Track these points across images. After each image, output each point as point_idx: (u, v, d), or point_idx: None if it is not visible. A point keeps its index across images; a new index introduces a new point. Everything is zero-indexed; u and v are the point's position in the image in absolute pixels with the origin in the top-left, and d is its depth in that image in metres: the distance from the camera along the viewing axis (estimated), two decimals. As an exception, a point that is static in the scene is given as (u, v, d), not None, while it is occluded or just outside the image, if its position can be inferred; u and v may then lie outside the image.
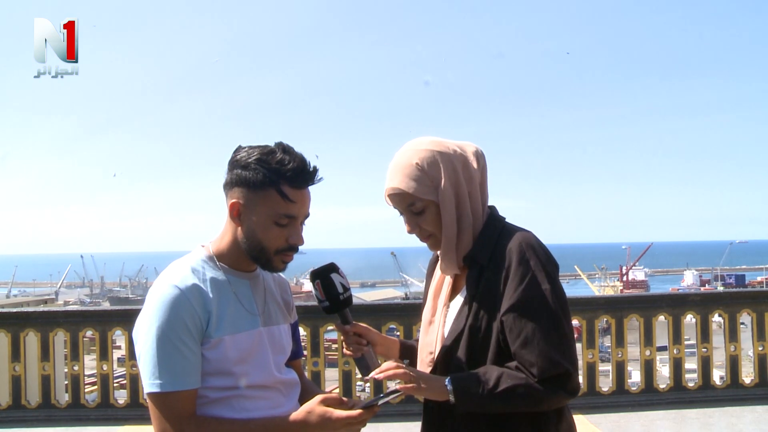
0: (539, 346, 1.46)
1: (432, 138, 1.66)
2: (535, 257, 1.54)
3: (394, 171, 1.63)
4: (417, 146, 1.63)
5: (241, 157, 1.50)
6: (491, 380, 1.47)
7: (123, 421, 5.10)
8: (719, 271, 68.94)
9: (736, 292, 6.59)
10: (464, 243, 1.62)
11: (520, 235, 1.59)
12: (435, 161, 1.60)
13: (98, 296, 69.39)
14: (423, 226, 1.64)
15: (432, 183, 1.60)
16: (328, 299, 1.62)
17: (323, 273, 1.63)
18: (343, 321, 1.68)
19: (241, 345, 1.51)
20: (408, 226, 1.66)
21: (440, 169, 1.60)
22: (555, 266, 1.57)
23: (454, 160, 1.62)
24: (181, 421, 1.44)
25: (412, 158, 1.61)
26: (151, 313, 1.45)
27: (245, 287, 1.57)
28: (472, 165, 1.64)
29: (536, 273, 1.51)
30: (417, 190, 1.59)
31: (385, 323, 5.22)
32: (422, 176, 1.60)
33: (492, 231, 1.62)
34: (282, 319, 1.66)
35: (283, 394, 1.59)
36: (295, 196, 1.49)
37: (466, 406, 1.49)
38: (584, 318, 5.33)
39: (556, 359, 1.46)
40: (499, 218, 1.68)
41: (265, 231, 1.49)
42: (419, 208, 1.62)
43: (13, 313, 5.90)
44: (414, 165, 1.60)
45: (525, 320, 1.49)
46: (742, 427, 4.83)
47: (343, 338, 1.71)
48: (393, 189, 1.62)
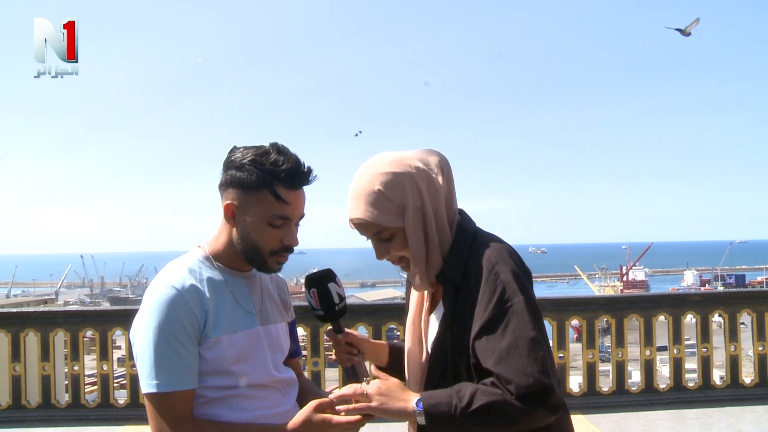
0: (515, 362, 1.38)
1: (393, 155, 1.56)
2: (504, 270, 1.46)
3: (356, 199, 1.54)
4: (377, 168, 1.54)
5: (235, 158, 1.50)
6: (465, 398, 1.38)
7: (123, 421, 5.10)
8: (719, 271, 68.92)
9: (736, 292, 6.60)
10: (434, 261, 1.55)
11: (490, 248, 1.52)
12: (398, 184, 1.51)
13: (98, 296, 69.46)
14: (392, 251, 1.57)
15: (397, 209, 1.52)
16: (323, 308, 1.60)
17: (320, 281, 1.60)
18: (336, 330, 1.66)
19: (239, 344, 1.51)
20: (377, 253, 1.59)
21: (404, 192, 1.52)
22: (527, 276, 1.51)
23: (417, 179, 1.53)
24: (178, 421, 1.44)
25: (374, 183, 1.52)
26: (148, 313, 1.46)
27: (242, 287, 1.57)
28: (436, 180, 1.55)
29: (506, 287, 1.44)
30: (382, 218, 1.52)
31: (385, 323, 5.22)
32: (386, 203, 1.51)
33: (462, 245, 1.55)
34: (279, 317, 1.66)
35: (281, 392, 1.60)
36: (290, 197, 1.49)
37: (438, 427, 1.40)
38: (584, 318, 5.34)
39: (534, 375, 1.37)
40: (469, 228, 1.59)
41: (260, 232, 1.50)
42: (387, 235, 1.55)
43: (13, 313, 5.89)
44: (376, 191, 1.51)
45: (497, 338, 1.41)
46: (742, 427, 4.83)
47: (333, 347, 1.68)
48: (357, 219, 1.54)
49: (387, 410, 1.44)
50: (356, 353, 1.67)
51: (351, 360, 1.65)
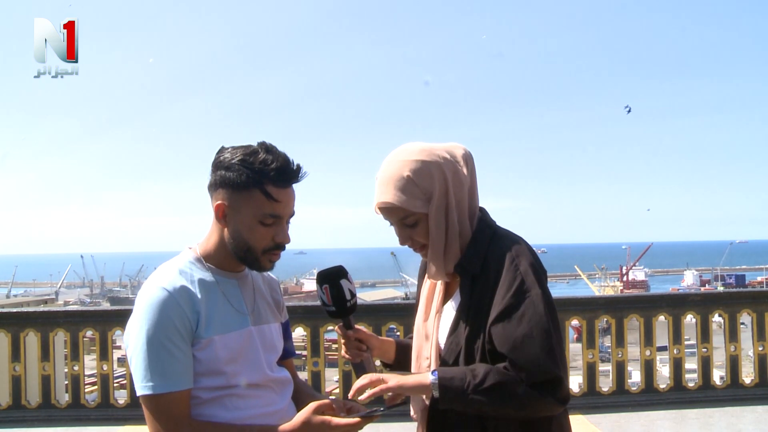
0: (529, 351, 1.43)
1: (421, 145, 1.61)
2: (524, 263, 1.51)
3: (384, 183, 1.58)
4: (407, 156, 1.58)
5: (224, 159, 1.50)
6: (478, 375, 1.43)
7: (123, 421, 5.10)
8: (719, 271, 68.91)
9: (736, 292, 6.60)
10: (452, 252, 1.59)
11: (510, 241, 1.57)
12: (427, 172, 1.56)
13: (98, 296, 69.34)
14: (416, 238, 1.61)
15: (424, 195, 1.56)
16: (335, 305, 1.61)
17: (332, 277, 1.61)
18: (347, 326, 1.68)
19: (232, 344, 1.51)
20: (400, 238, 1.63)
21: (432, 180, 1.56)
22: (544, 272, 1.55)
23: (445, 168, 1.57)
24: (176, 423, 1.44)
25: (403, 170, 1.56)
26: (141, 316, 1.46)
27: (233, 287, 1.58)
28: (462, 171, 1.60)
29: (525, 279, 1.49)
30: (409, 203, 1.55)
31: (385, 323, 5.22)
32: (414, 189, 1.55)
33: (482, 238, 1.59)
34: (272, 317, 1.66)
35: (275, 392, 1.60)
36: (280, 196, 1.49)
37: (450, 401, 1.45)
38: (584, 318, 5.34)
39: (546, 364, 1.42)
40: (490, 223, 1.64)
41: (251, 231, 1.50)
42: (412, 221, 1.59)
43: (13, 313, 5.89)
44: (405, 177, 1.55)
45: (514, 326, 1.45)
46: (742, 427, 4.83)
47: (344, 343, 1.70)
48: (384, 203, 1.58)
49: (403, 386, 1.48)
50: (365, 349, 1.69)
51: (360, 356, 1.68)
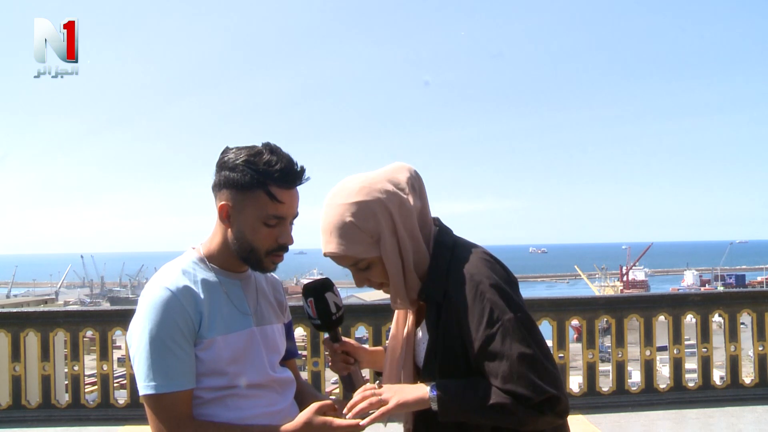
0: (521, 381, 1.38)
1: (359, 182, 1.51)
2: (489, 288, 1.43)
3: (328, 232, 1.50)
4: (345, 198, 1.49)
5: (228, 159, 1.50)
6: (479, 393, 1.40)
7: (123, 421, 5.09)
8: (719, 271, 68.91)
9: (736, 292, 6.59)
10: (412, 282, 1.53)
11: (470, 262, 1.48)
12: (369, 213, 1.47)
13: (98, 296, 69.37)
14: (372, 279, 1.55)
15: (371, 238, 1.48)
16: (319, 318, 1.61)
17: (316, 291, 1.61)
18: (333, 339, 1.66)
19: (234, 345, 1.51)
20: (356, 281, 1.57)
21: (377, 220, 1.48)
22: (513, 285, 1.49)
23: (388, 203, 1.48)
24: (177, 422, 1.44)
25: (344, 215, 1.48)
26: (143, 315, 1.46)
27: (236, 288, 1.58)
28: (408, 200, 1.51)
29: (493, 307, 1.41)
30: (357, 250, 1.48)
31: (384, 323, 5.21)
32: (359, 234, 1.48)
33: (441, 261, 1.51)
34: (275, 318, 1.66)
35: (278, 392, 1.60)
36: (284, 197, 1.49)
37: (449, 416, 1.42)
38: (584, 318, 5.33)
39: (540, 388, 1.38)
40: (447, 241, 1.55)
41: (255, 232, 1.50)
42: (364, 265, 1.52)
43: (13, 313, 5.88)
44: (348, 223, 1.47)
45: (498, 361, 1.40)
46: (742, 427, 4.82)
47: (330, 356, 1.67)
48: (331, 254, 1.51)
49: (405, 403, 1.43)
50: (353, 362, 1.66)
51: (347, 369, 1.65)
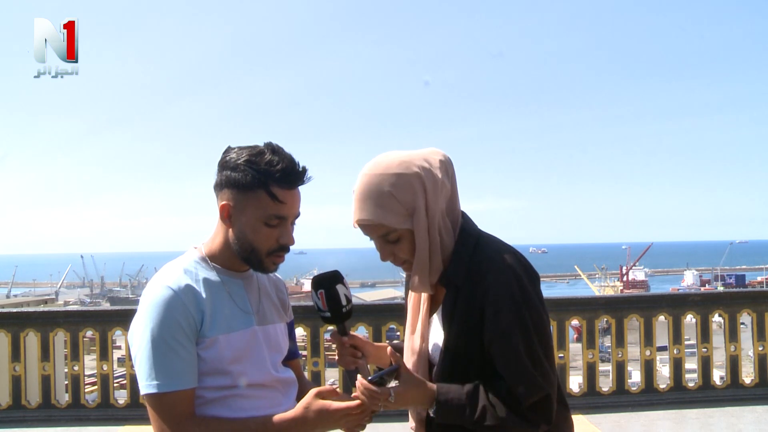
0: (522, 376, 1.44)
1: (399, 156, 1.53)
2: (512, 276, 1.47)
3: (363, 200, 1.50)
4: (385, 169, 1.50)
5: (230, 159, 1.50)
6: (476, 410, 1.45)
7: (123, 421, 5.09)
8: (719, 271, 68.86)
9: (736, 292, 6.59)
10: (436, 264, 1.54)
11: (494, 252, 1.52)
12: (407, 186, 1.49)
13: (98, 296, 69.29)
14: (398, 254, 1.55)
15: (406, 211, 1.49)
16: (330, 310, 1.59)
17: (328, 282, 1.58)
18: (341, 332, 1.64)
19: (236, 344, 1.51)
20: (382, 254, 1.57)
21: (414, 194, 1.49)
22: (534, 278, 1.52)
23: (425, 180, 1.50)
24: (179, 421, 1.44)
25: (382, 185, 1.49)
26: (145, 314, 1.46)
27: (239, 287, 1.57)
28: (442, 180, 1.53)
29: (511, 299, 1.45)
30: (391, 220, 1.49)
31: (385, 323, 5.22)
32: (395, 205, 1.48)
33: (465, 248, 1.54)
34: (277, 318, 1.66)
35: (281, 392, 1.60)
36: (285, 197, 1.49)
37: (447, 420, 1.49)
38: (584, 318, 5.33)
39: (538, 383, 1.44)
40: (472, 231, 1.58)
41: (256, 232, 1.50)
42: (394, 237, 1.52)
43: (13, 313, 5.88)
44: (386, 193, 1.48)
45: (505, 350, 1.45)
46: (742, 427, 4.83)
47: (337, 349, 1.66)
48: (365, 221, 1.51)
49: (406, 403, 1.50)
50: (360, 356, 1.65)
51: (355, 363, 1.64)
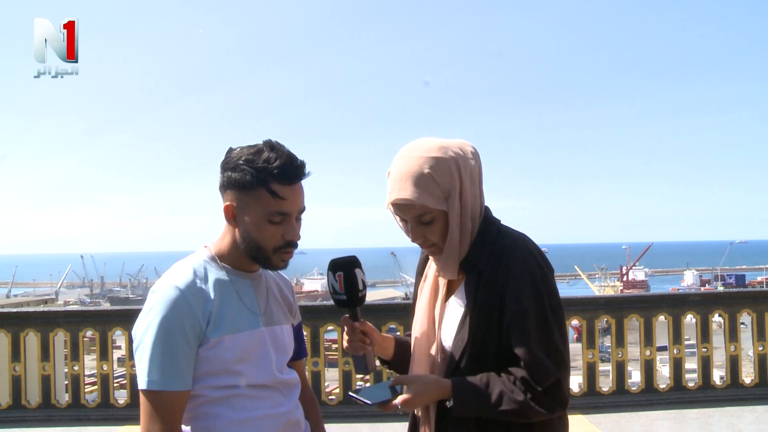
0: (538, 355, 1.49)
1: (436, 141, 1.59)
2: (531, 266, 1.53)
3: (402, 180, 1.55)
4: (424, 152, 1.56)
5: (230, 159, 1.51)
6: (493, 397, 1.49)
7: (123, 421, 5.10)
8: (719, 271, 68.85)
9: (736, 292, 6.61)
10: (463, 249, 1.60)
11: (516, 239, 1.58)
12: (446, 169, 1.54)
13: (98, 296, 69.29)
14: (429, 236, 1.59)
15: (443, 193, 1.55)
16: (347, 293, 1.59)
17: (347, 266, 1.59)
18: (353, 317, 1.65)
19: (242, 344, 1.51)
20: (413, 235, 1.61)
21: (451, 177, 1.55)
22: (551, 270, 1.58)
23: (461, 165, 1.56)
24: (171, 421, 1.44)
25: (423, 166, 1.54)
26: (151, 312, 1.47)
27: (247, 287, 1.58)
28: (474, 168, 1.60)
29: (532, 284, 1.52)
30: (429, 201, 1.54)
31: (385, 323, 5.23)
32: (434, 186, 1.54)
33: (489, 235, 1.60)
34: (284, 319, 1.66)
35: (283, 394, 1.60)
36: (285, 193, 1.49)
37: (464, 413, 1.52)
38: (584, 318, 5.34)
39: (551, 368, 1.49)
40: (494, 220, 1.65)
41: (260, 230, 1.50)
42: (429, 218, 1.57)
43: (13, 313, 5.89)
44: (425, 174, 1.53)
45: (525, 329, 1.50)
46: (742, 427, 4.83)
47: (347, 334, 1.67)
48: (403, 200, 1.55)
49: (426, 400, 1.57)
50: (369, 342, 1.67)
51: (364, 348, 1.65)
